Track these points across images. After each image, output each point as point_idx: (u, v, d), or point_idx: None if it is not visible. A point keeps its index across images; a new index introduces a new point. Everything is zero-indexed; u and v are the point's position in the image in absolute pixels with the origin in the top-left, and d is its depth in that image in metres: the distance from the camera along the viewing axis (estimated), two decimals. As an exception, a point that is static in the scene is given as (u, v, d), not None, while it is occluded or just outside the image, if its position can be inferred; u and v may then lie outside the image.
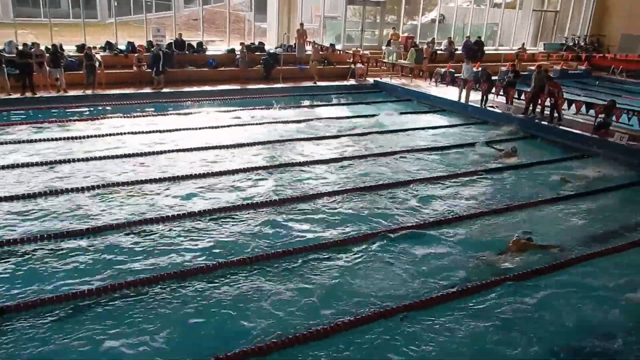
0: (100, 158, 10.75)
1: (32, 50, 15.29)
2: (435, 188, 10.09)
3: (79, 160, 10.51)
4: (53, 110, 14.26)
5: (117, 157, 10.92)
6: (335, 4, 27.14)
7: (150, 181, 9.63)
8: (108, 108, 14.98)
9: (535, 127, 14.58)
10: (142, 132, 12.77)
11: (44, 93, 15.21)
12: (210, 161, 11.01)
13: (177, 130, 13.17)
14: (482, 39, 25.07)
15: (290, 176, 10.39)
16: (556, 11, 29.97)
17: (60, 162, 10.35)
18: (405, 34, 24.58)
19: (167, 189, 9.36)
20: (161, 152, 11.31)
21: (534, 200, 9.59)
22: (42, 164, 10.20)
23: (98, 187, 9.19)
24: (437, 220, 8.58)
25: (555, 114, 14.50)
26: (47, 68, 15.37)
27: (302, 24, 21.31)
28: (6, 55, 15.24)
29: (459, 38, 26.22)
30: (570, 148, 13.27)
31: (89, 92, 15.71)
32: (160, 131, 12.95)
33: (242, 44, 19.80)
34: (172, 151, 11.45)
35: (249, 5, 28.67)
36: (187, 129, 13.27)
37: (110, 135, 12.41)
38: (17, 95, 14.81)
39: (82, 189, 9.04)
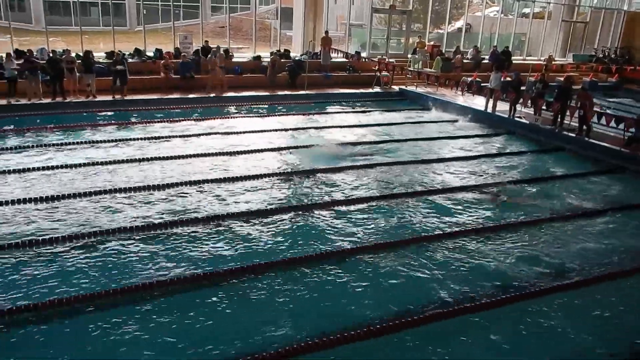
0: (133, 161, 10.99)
1: (63, 56, 15.69)
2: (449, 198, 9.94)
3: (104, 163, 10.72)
4: (84, 114, 14.63)
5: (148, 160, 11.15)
6: (361, 12, 27.25)
7: (168, 185, 9.72)
8: (135, 113, 15.25)
9: (563, 139, 14.29)
10: (169, 137, 12.92)
11: (73, 98, 15.53)
12: (235, 165, 11.10)
13: (199, 135, 13.32)
14: (510, 48, 24.79)
15: (315, 182, 10.38)
16: (586, 22, 29.50)
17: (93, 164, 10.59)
18: (431, 43, 24.47)
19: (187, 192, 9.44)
20: (179, 157, 11.47)
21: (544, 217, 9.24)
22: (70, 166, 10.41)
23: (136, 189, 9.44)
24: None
25: (585, 126, 14.18)
26: (78, 74, 15.70)
27: (327, 32, 21.38)
28: (39, 61, 15.60)
29: (486, 47, 25.98)
30: (598, 162, 12.90)
31: (117, 97, 15.99)
32: (188, 136, 13.13)
33: (272, 53, 20.09)
34: (192, 156, 11.59)
35: (275, 13, 28.94)
36: (208, 134, 13.44)
37: (144, 139, 12.66)
38: (49, 100, 15.14)
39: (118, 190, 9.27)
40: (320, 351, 5.42)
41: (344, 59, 21.80)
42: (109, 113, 15.05)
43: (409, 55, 23.10)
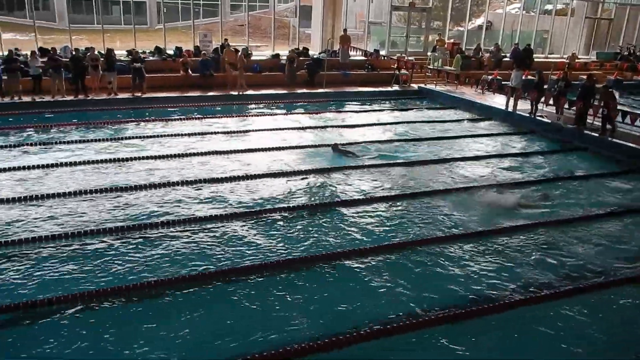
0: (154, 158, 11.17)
1: (88, 54, 15.94)
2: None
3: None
4: (104, 112, 14.83)
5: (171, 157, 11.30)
6: (380, 10, 27.10)
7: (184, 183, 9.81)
8: (155, 110, 15.39)
9: (585, 138, 14.03)
10: (189, 134, 13.03)
11: (95, 96, 15.75)
12: (248, 164, 11.12)
13: (217, 132, 13.40)
14: (531, 46, 24.42)
15: (329, 181, 10.36)
16: (610, 19, 28.93)
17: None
18: (451, 40, 24.25)
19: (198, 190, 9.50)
20: (196, 154, 11.56)
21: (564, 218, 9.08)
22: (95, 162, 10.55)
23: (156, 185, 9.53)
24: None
25: (608, 126, 13.91)
26: (101, 72, 15.93)
27: (346, 30, 21.33)
28: (62, 59, 15.85)
29: (507, 45, 25.64)
30: (622, 162, 12.60)
31: (137, 94, 16.18)
32: (205, 133, 13.21)
33: (290, 51, 20.16)
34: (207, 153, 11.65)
35: (293, 11, 28.95)
36: (226, 132, 13.51)
37: (165, 136, 12.82)
38: (71, 98, 15.40)
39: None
40: (327, 352, 5.40)
41: (363, 57, 21.74)
42: (130, 110, 15.21)
43: (429, 53, 22.93)
